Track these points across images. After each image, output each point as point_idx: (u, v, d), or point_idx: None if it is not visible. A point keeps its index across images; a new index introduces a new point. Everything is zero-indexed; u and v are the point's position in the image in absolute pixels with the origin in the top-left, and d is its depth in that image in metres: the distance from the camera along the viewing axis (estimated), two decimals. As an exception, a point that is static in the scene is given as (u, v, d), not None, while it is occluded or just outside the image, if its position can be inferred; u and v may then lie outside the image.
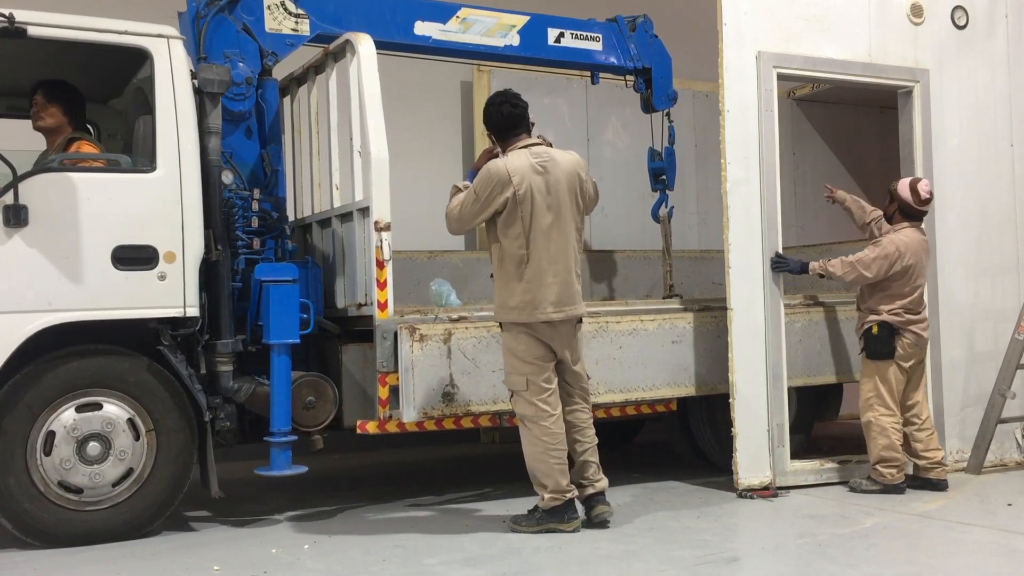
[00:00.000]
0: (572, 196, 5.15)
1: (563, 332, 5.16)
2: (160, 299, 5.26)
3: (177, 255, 5.30)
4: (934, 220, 6.68)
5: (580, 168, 5.24)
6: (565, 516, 5.15)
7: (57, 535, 5.04)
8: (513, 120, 5.26)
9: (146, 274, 5.21)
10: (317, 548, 5.05)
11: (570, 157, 5.25)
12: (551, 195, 5.08)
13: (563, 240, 5.11)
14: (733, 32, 6.15)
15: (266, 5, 5.84)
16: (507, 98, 5.30)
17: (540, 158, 5.14)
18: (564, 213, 5.11)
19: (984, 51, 6.97)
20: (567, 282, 5.11)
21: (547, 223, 5.07)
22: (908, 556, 4.73)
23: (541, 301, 5.06)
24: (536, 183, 5.06)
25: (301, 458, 5.62)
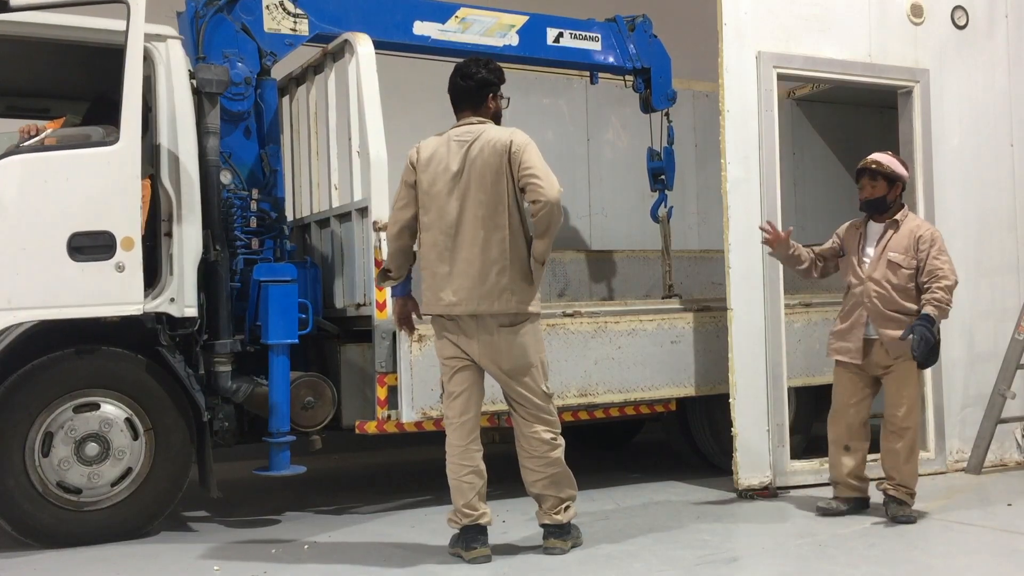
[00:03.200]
0: (495, 177, 4.54)
1: (473, 331, 4.61)
2: (118, 294, 4.92)
3: (135, 241, 4.90)
4: (934, 220, 6.67)
5: (509, 145, 4.56)
6: (466, 543, 4.65)
7: (56, 535, 5.04)
8: (455, 95, 4.78)
9: (102, 265, 4.87)
10: (317, 548, 5.05)
11: (500, 135, 4.62)
12: (461, 178, 4.57)
13: (475, 226, 4.55)
14: (733, 32, 6.14)
15: (265, 5, 5.84)
16: (458, 69, 4.78)
17: (461, 138, 4.64)
18: (479, 197, 4.54)
19: (984, 51, 6.96)
20: (481, 274, 4.54)
21: (453, 208, 4.58)
22: (908, 556, 4.72)
23: (442, 292, 4.64)
24: (442, 166, 4.60)
25: (300, 458, 5.62)
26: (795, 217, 8.75)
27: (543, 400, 4.72)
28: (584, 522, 5.45)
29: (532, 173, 4.50)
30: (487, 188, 4.55)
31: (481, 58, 4.86)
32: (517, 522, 5.50)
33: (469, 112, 4.75)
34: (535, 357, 4.68)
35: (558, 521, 4.75)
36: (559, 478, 4.73)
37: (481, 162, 4.56)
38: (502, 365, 4.63)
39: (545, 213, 4.47)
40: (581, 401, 6.02)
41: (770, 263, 6.19)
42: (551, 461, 4.70)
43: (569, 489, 4.78)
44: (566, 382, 5.92)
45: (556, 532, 4.76)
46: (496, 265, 4.54)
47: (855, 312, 5.47)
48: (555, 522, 4.75)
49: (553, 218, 4.51)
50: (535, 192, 4.48)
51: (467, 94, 4.75)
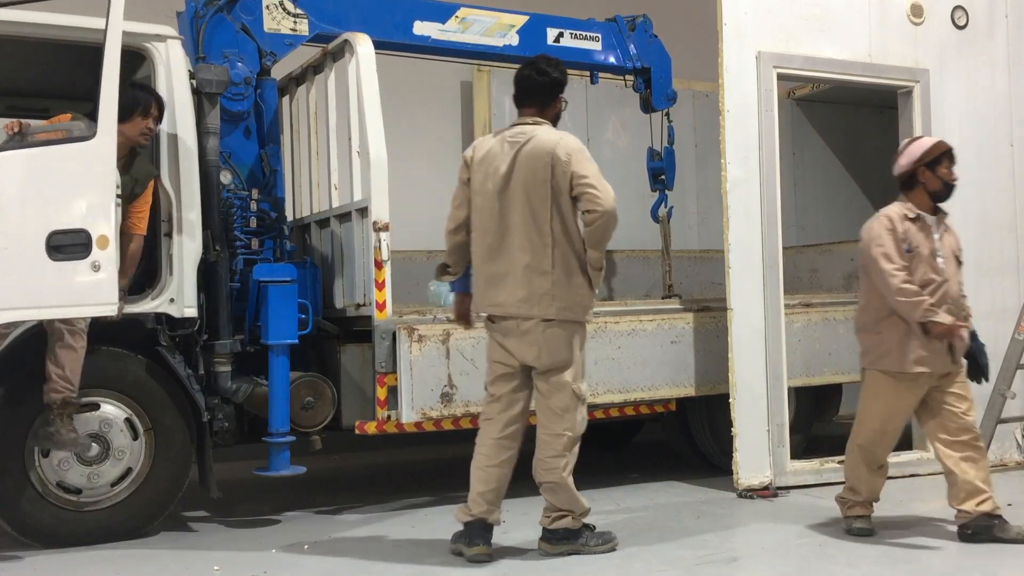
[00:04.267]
0: (539, 182, 4.51)
1: (515, 330, 4.59)
2: (93, 295, 4.69)
3: (111, 239, 4.69)
4: (934, 220, 6.67)
5: (555, 151, 4.52)
6: (469, 539, 4.67)
7: (56, 536, 5.04)
8: (526, 90, 4.77)
9: (79, 264, 4.64)
10: (317, 548, 5.05)
11: (548, 139, 4.59)
12: (510, 180, 4.56)
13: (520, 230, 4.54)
14: (733, 32, 6.15)
15: (265, 5, 5.84)
16: (532, 64, 4.77)
17: (513, 139, 4.65)
18: (524, 201, 4.52)
19: (984, 51, 6.96)
20: (523, 278, 4.53)
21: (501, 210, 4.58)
22: (908, 556, 4.72)
23: (489, 293, 4.65)
24: (493, 167, 4.62)
25: (299, 459, 5.62)
26: (795, 217, 8.76)
27: (572, 400, 4.61)
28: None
29: (588, 183, 4.46)
30: (532, 192, 4.52)
31: (550, 57, 4.86)
32: (517, 522, 5.50)
33: (534, 110, 4.74)
34: (572, 356, 4.60)
35: (544, 524, 4.73)
36: (557, 490, 4.64)
37: (528, 165, 4.54)
38: (537, 360, 4.59)
39: (601, 223, 4.46)
40: (581, 401, 6.01)
41: (770, 263, 6.19)
42: (550, 469, 4.63)
43: (567, 503, 4.67)
44: (566, 382, 5.91)
45: (546, 535, 4.74)
46: (537, 270, 4.52)
47: None
48: (543, 524, 4.74)
49: (609, 228, 4.49)
50: (591, 202, 4.44)
51: (540, 90, 4.73)
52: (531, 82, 4.73)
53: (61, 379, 4.81)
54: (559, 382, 4.59)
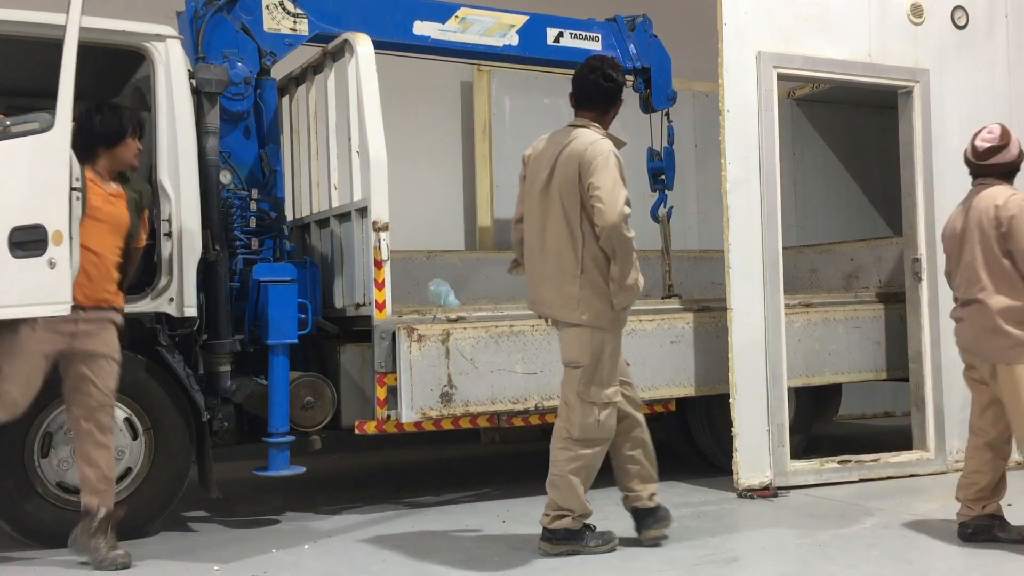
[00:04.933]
0: (571, 186, 4.52)
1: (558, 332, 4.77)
2: (49, 293, 4.48)
3: (64, 235, 4.48)
4: (934, 220, 6.67)
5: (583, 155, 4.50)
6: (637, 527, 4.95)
7: (56, 536, 5.01)
8: (588, 93, 4.71)
9: (37, 261, 4.43)
10: (317, 548, 5.05)
11: (581, 142, 4.56)
12: (550, 182, 4.61)
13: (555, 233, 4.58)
14: (733, 32, 6.14)
15: (264, 5, 5.84)
16: (597, 68, 4.69)
17: (558, 140, 4.67)
18: (559, 204, 4.56)
19: (984, 51, 6.96)
20: (556, 280, 4.59)
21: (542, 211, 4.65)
22: (908, 556, 4.72)
23: (531, 292, 4.79)
24: (539, 167, 4.69)
25: (299, 458, 5.62)
26: (795, 217, 8.76)
27: (573, 399, 4.61)
28: (584, 522, 5.46)
29: (596, 195, 4.42)
30: (565, 195, 4.54)
31: (610, 58, 4.84)
32: (518, 522, 5.50)
33: (594, 114, 4.71)
34: (584, 359, 4.58)
35: (543, 523, 4.71)
36: (559, 485, 4.64)
37: (563, 168, 4.56)
38: (560, 356, 4.72)
39: (606, 238, 4.45)
40: (581, 401, 6.01)
41: (770, 263, 6.19)
42: (555, 461, 4.66)
43: (567, 501, 4.65)
44: (566, 382, 5.91)
45: (546, 535, 4.72)
46: (568, 274, 4.54)
47: None
48: (543, 523, 4.72)
49: (617, 242, 4.44)
50: (597, 215, 4.43)
51: (604, 97, 4.70)
52: (597, 88, 4.69)
53: (101, 481, 4.70)
54: (569, 378, 4.65)
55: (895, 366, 7.01)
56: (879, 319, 7.00)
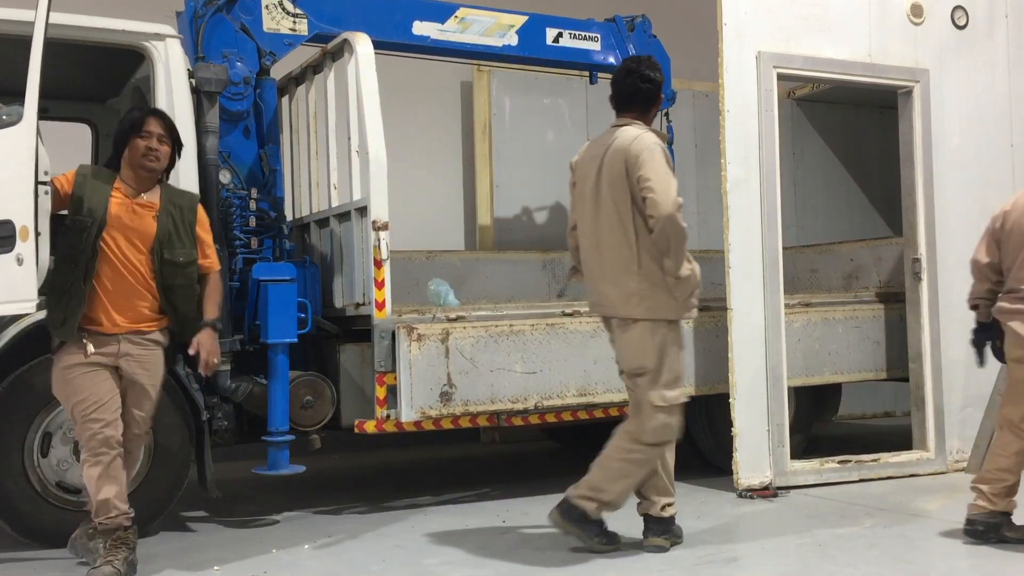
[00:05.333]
0: (619, 182, 4.53)
1: (612, 329, 4.76)
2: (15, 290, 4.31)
3: (30, 231, 4.33)
4: (934, 220, 6.68)
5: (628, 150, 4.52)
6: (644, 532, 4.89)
7: (56, 536, 5.01)
8: (628, 96, 4.76)
9: (5, 258, 4.28)
10: (317, 548, 5.05)
11: (626, 138, 4.59)
12: (599, 181, 4.63)
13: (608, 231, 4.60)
14: (733, 32, 6.14)
15: (264, 5, 5.84)
16: (634, 72, 4.73)
17: (604, 141, 4.70)
18: (610, 201, 4.58)
19: (984, 51, 6.96)
20: (612, 278, 4.61)
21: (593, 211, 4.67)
22: (908, 556, 4.71)
23: (590, 293, 4.83)
24: (588, 169, 4.72)
25: (299, 458, 5.62)
26: (795, 217, 8.77)
27: (647, 408, 4.59)
28: (584, 522, 5.46)
29: (648, 186, 4.43)
30: (615, 192, 4.56)
31: (647, 59, 4.83)
32: (518, 522, 5.50)
33: (634, 115, 4.73)
34: (648, 361, 4.58)
35: (571, 494, 4.65)
36: (608, 467, 4.64)
37: (611, 165, 4.58)
38: (620, 363, 4.74)
39: (659, 229, 4.44)
40: (581, 400, 6.02)
41: (770, 263, 6.19)
42: (615, 446, 4.67)
43: (608, 488, 4.62)
44: (565, 382, 5.92)
45: (564, 506, 4.66)
46: (624, 270, 4.56)
47: None
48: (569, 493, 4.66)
49: (670, 234, 4.43)
50: (650, 206, 4.42)
51: (644, 98, 4.74)
52: (637, 90, 4.72)
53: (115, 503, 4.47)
54: (640, 382, 4.63)
55: (895, 366, 7.01)
56: (879, 319, 7.00)
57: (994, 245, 4.88)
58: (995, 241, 4.87)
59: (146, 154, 4.59)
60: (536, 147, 8.60)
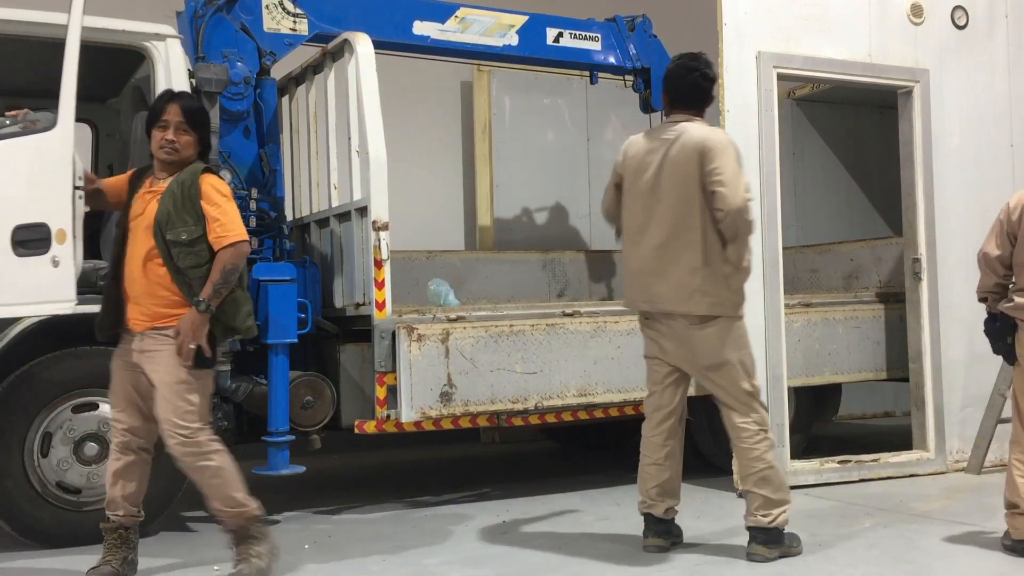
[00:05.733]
0: (687, 178, 4.50)
1: (667, 329, 4.65)
2: (52, 291, 4.57)
3: (68, 234, 4.57)
4: (934, 220, 6.68)
5: (703, 145, 4.51)
6: (644, 531, 4.82)
7: (56, 536, 5.03)
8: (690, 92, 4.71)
9: (40, 260, 4.54)
10: (317, 548, 5.05)
11: (697, 134, 4.57)
12: (659, 178, 4.57)
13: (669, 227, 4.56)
14: (733, 32, 6.14)
15: (264, 5, 5.84)
16: (696, 69, 4.68)
17: (664, 136, 4.63)
18: (673, 198, 4.54)
19: (984, 51, 6.96)
20: (673, 274, 4.55)
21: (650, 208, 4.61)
22: (908, 556, 4.72)
23: (640, 290, 4.71)
24: (643, 165, 4.64)
25: (299, 458, 5.62)
26: (795, 217, 8.76)
27: (744, 397, 4.61)
28: (585, 522, 5.46)
29: (718, 180, 4.45)
30: (681, 188, 4.52)
31: (701, 55, 4.80)
32: (518, 522, 5.50)
33: (691, 112, 4.71)
34: (730, 355, 4.59)
35: (761, 523, 4.57)
36: (769, 476, 4.58)
37: (677, 161, 4.54)
38: (696, 362, 4.64)
39: (729, 222, 4.47)
40: (581, 401, 6.02)
41: (770, 263, 6.19)
42: (758, 455, 4.59)
43: (780, 492, 4.61)
44: (565, 382, 5.91)
45: (760, 537, 4.59)
46: (687, 266, 4.52)
47: None
48: (758, 524, 4.58)
49: (738, 226, 4.48)
50: (718, 199, 4.45)
51: (704, 94, 4.74)
52: (698, 88, 4.72)
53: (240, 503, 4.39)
54: (723, 381, 4.61)
55: (895, 366, 7.01)
56: (879, 319, 7.00)
57: (1006, 238, 4.80)
58: (1007, 234, 4.80)
59: (162, 146, 4.34)
60: (536, 147, 8.61)
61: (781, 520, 4.63)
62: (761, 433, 4.62)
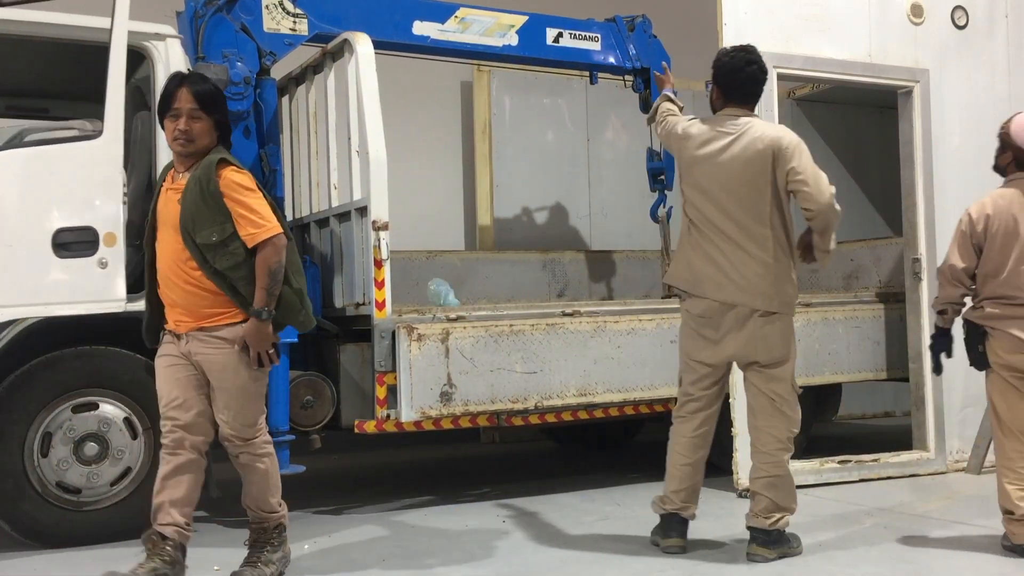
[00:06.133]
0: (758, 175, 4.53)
1: (729, 322, 4.59)
2: (100, 291, 4.84)
3: (118, 236, 4.80)
4: (934, 220, 6.67)
5: (779, 143, 4.53)
6: (664, 531, 4.81)
7: (56, 536, 5.04)
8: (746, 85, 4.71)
9: (86, 262, 4.82)
10: (317, 548, 5.05)
11: (768, 131, 4.59)
12: (724, 172, 4.57)
13: (738, 222, 4.56)
14: (733, 32, 6.14)
15: (264, 5, 5.83)
16: (753, 61, 4.67)
17: (726, 130, 4.62)
18: (742, 193, 4.54)
19: (984, 51, 6.96)
20: (741, 269, 4.55)
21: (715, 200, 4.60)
22: (908, 556, 4.72)
23: (701, 283, 4.64)
24: (706, 153, 4.62)
25: (299, 458, 5.61)
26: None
27: (790, 395, 4.67)
28: (585, 522, 5.47)
29: (802, 179, 4.51)
30: (750, 186, 4.55)
31: (753, 48, 4.79)
32: (517, 522, 5.51)
33: (747, 107, 4.72)
34: (790, 352, 4.66)
35: (763, 525, 4.61)
36: (781, 483, 4.64)
37: (745, 159, 4.55)
38: (759, 358, 4.61)
39: (821, 219, 4.53)
40: (581, 400, 6.02)
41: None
42: (776, 462, 4.64)
43: (788, 500, 4.67)
44: (565, 381, 5.92)
45: (761, 537, 4.63)
46: (760, 262, 4.56)
47: None
48: (760, 525, 4.62)
49: (830, 219, 4.55)
50: (806, 200, 4.51)
51: (758, 88, 4.75)
52: (756, 80, 4.72)
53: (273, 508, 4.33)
54: (779, 375, 4.64)
55: (895, 366, 7.01)
56: (879, 319, 7.00)
57: (971, 250, 4.76)
58: (973, 246, 4.76)
59: (176, 137, 4.04)
60: (536, 147, 8.61)
61: (782, 524, 4.66)
62: (787, 441, 4.66)
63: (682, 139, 4.75)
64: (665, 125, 4.95)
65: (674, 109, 5.03)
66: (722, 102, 4.77)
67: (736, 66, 4.70)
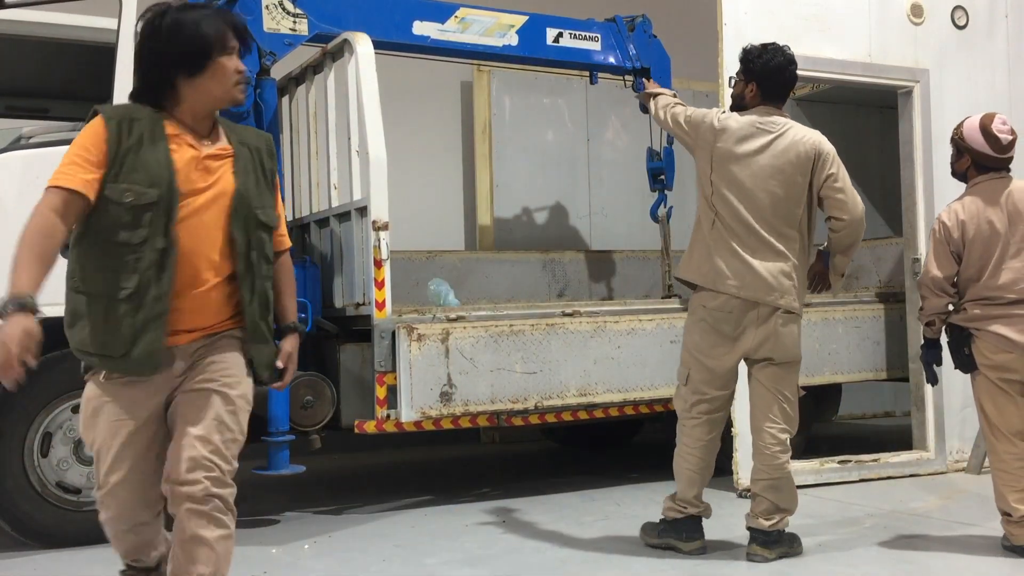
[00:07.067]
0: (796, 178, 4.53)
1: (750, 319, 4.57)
2: None
3: None
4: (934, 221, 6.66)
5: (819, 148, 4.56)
6: (683, 533, 4.75)
7: (56, 536, 5.04)
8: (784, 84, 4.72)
9: None
10: (317, 548, 5.05)
11: (808, 135, 4.60)
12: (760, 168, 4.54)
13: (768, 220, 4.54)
14: (733, 32, 6.14)
15: (264, 5, 5.83)
16: (792, 59, 4.68)
17: (766, 127, 4.59)
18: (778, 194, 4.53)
19: (984, 51, 6.96)
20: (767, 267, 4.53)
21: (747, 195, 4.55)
22: (908, 556, 4.72)
23: (725, 277, 4.57)
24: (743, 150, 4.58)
25: (299, 458, 5.61)
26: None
27: (794, 396, 4.72)
28: (585, 522, 5.46)
29: (839, 187, 4.54)
30: (786, 184, 4.53)
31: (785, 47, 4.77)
32: (517, 522, 5.51)
33: (780, 106, 4.72)
34: (800, 352, 4.72)
35: (763, 526, 4.62)
36: (782, 485, 4.65)
37: (785, 160, 4.54)
38: (774, 355, 4.61)
39: (850, 231, 4.56)
40: (581, 400, 6.02)
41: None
42: (778, 464, 4.63)
43: (788, 501, 4.68)
44: (565, 382, 5.92)
45: (761, 538, 4.63)
46: (787, 262, 4.56)
47: None
48: (760, 527, 4.63)
49: (857, 236, 4.59)
50: (840, 209, 4.53)
51: (791, 90, 4.79)
52: (793, 82, 4.77)
53: None
54: (788, 375, 4.68)
55: (895, 366, 7.01)
56: (879, 319, 7.00)
57: (950, 258, 4.76)
58: (951, 253, 4.76)
59: (239, 82, 3.08)
60: (536, 147, 8.61)
61: (782, 524, 4.67)
62: (787, 443, 4.68)
63: (718, 132, 4.67)
64: (679, 111, 4.90)
65: (678, 99, 5.04)
66: (758, 100, 4.72)
67: (780, 66, 4.69)
